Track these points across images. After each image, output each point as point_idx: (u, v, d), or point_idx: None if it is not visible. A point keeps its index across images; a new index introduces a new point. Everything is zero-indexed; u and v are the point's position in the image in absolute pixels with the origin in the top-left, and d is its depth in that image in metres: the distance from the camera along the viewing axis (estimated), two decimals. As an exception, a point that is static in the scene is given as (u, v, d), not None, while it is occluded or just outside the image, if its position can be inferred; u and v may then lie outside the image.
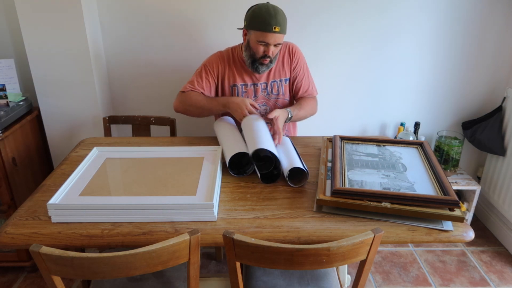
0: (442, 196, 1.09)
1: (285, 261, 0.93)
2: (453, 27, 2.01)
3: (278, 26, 1.45)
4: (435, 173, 1.22)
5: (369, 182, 1.16)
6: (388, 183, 1.16)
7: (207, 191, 1.15)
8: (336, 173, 1.18)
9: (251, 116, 1.48)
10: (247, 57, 1.56)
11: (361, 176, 1.20)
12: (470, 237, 1.04)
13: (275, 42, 1.48)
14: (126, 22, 1.96)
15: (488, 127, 2.04)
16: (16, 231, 1.03)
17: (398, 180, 1.19)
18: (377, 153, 1.36)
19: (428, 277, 1.87)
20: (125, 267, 0.90)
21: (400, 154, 1.36)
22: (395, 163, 1.29)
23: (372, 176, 1.21)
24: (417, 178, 1.20)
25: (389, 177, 1.20)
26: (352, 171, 1.24)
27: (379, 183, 1.16)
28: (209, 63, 1.62)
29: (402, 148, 1.41)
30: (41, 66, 1.83)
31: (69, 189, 1.16)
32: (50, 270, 0.91)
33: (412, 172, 1.24)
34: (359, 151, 1.38)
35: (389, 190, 1.12)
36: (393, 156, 1.34)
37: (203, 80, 1.60)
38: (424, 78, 2.13)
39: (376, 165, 1.27)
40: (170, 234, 1.02)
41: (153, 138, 1.66)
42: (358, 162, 1.29)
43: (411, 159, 1.32)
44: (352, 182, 1.17)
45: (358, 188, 1.13)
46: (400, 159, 1.32)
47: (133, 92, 2.12)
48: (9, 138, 1.72)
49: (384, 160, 1.31)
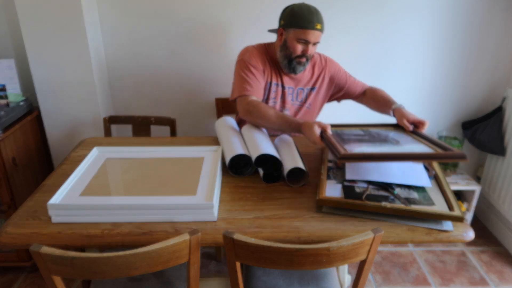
0: (447, 152, 1.10)
1: (285, 261, 0.93)
2: (453, 27, 2.01)
3: (320, 23, 1.44)
4: (428, 139, 1.22)
5: (372, 151, 1.15)
6: (390, 151, 1.16)
7: (207, 191, 1.15)
8: (335, 144, 1.15)
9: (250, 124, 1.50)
10: (283, 58, 1.53)
11: (359, 149, 1.18)
12: (470, 237, 1.04)
13: (315, 40, 1.47)
14: (126, 22, 1.96)
15: (488, 127, 2.05)
16: (16, 231, 1.03)
17: (396, 148, 1.18)
18: (364, 134, 1.36)
19: (428, 277, 1.87)
20: (125, 267, 0.90)
21: (385, 132, 1.35)
22: (386, 138, 1.28)
23: (370, 148, 1.18)
24: (413, 147, 1.19)
25: (387, 147, 1.19)
26: (348, 145, 1.21)
27: (381, 151, 1.15)
28: (253, 59, 1.54)
29: (386, 130, 1.41)
30: (42, 66, 1.83)
31: (69, 189, 1.16)
32: (50, 270, 0.91)
33: (405, 144, 1.23)
34: (347, 133, 1.37)
35: (391, 152, 1.11)
36: (381, 134, 1.33)
37: (256, 79, 1.52)
38: (424, 78, 2.13)
39: (370, 141, 1.26)
40: (170, 234, 1.02)
41: (153, 138, 1.66)
42: (351, 140, 1.27)
43: (398, 135, 1.32)
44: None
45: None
46: (388, 135, 1.32)
47: (133, 92, 2.12)
48: (9, 138, 1.72)
49: (375, 137, 1.30)
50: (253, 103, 1.47)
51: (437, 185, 1.20)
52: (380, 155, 1.10)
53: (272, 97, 1.61)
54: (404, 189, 1.16)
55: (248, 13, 1.96)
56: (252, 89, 1.51)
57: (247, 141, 1.39)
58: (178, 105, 2.15)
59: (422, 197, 1.13)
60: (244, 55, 1.57)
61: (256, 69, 1.53)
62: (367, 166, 1.27)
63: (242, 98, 1.50)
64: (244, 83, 1.51)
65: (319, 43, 1.52)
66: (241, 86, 1.52)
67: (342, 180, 1.21)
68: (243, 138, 1.44)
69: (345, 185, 1.18)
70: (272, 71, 1.59)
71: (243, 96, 1.50)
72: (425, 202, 1.11)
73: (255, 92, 1.51)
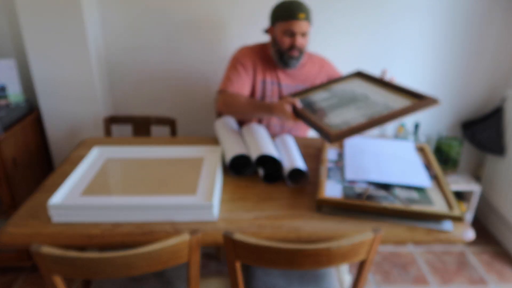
0: (422, 101, 1.14)
1: (285, 261, 0.93)
2: (453, 27, 2.01)
3: (303, 13, 1.45)
4: (393, 87, 1.25)
5: (352, 118, 1.16)
6: (368, 113, 1.16)
7: (207, 191, 1.16)
8: (319, 125, 1.18)
9: (251, 124, 1.51)
10: (275, 54, 1.55)
11: (340, 117, 1.19)
12: (470, 237, 1.04)
13: (301, 30, 1.47)
14: (127, 22, 1.96)
15: (488, 127, 2.05)
16: (16, 231, 1.03)
17: (371, 107, 1.19)
18: (331, 95, 1.36)
19: (428, 277, 1.87)
20: (125, 267, 0.90)
21: (349, 87, 1.36)
22: (354, 95, 1.29)
23: (349, 113, 1.19)
24: (385, 98, 1.21)
25: (362, 107, 1.19)
26: (327, 118, 1.22)
27: (361, 116, 1.16)
28: (242, 57, 1.59)
29: (346, 84, 1.41)
30: (42, 67, 1.83)
31: (69, 189, 1.16)
32: (50, 270, 0.91)
33: (374, 96, 1.24)
34: (315, 100, 1.37)
35: (376, 116, 1.13)
36: (345, 91, 1.34)
37: (240, 76, 1.56)
38: (424, 78, 2.13)
39: (341, 104, 1.25)
40: (170, 234, 1.02)
41: (153, 138, 1.66)
42: (324, 109, 1.27)
43: (361, 88, 1.32)
44: (339, 126, 1.16)
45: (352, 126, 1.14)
46: (354, 91, 1.32)
47: (133, 92, 2.12)
48: (10, 139, 1.72)
49: (343, 97, 1.30)
50: (228, 95, 1.53)
51: (437, 185, 1.21)
52: (367, 124, 1.12)
53: (268, 95, 1.62)
54: (404, 189, 1.16)
55: (251, 12, 1.96)
56: (233, 86, 1.55)
57: (247, 141, 1.39)
58: (178, 105, 2.15)
59: (422, 197, 1.13)
60: (236, 54, 1.62)
61: (243, 67, 1.57)
62: (367, 166, 1.27)
63: (222, 93, 1.56)
64: (227, 79, 1.57)
65: (308, 34, 1.52)
66: (223, 82, 1.58)
67: (342, 180, 1.21)
68: (243, 138, 1.44)
69: (345, 185, 1.18)
70: (267, 70, 1.61)
71: (223, 91, 1.55)
72: (425, 202, 1.11)
73: (236, 88, 1.55)
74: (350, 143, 1.44)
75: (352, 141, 1.45)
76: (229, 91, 1.54)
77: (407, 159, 1.33)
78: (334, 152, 1.41)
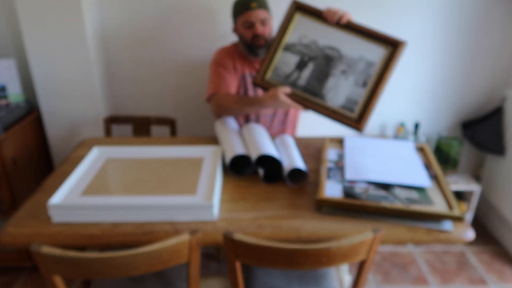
0: (396, 50, 1.29)
1: (285, 261, 0.93)
2: (453, 27, 2.01)
3: (254, 2, 1.49)
4: (351, 28, 1.34)
5: (352, 93, 1.31)
6: (359, 79, 1.31)
7: (207, 191, 1.16)
8: (338, 117, 1.34)
9: (250, 124, 1.52)
10: (244, 48, 1.60)
11: (340, 95, 1.34)
12: (470, 237, 1.04)
13: (257, 18, 1.51)
14: (127, 22, 1.96)
15: (488, 127, 2.05)
16: (16, 231, 1.03)
17: (354, 68, 1.31)
18: (298, 58, 1.40)
19: (428, 277, 1.87)
20: (125, 267, 0.90)
21: (307, 39, 1.40)
22: (323, 53, 1.37)
23: (342, 85, 1.33)
24: (356, 50, 1.34)
25: (347, 72, 1.32)
26: (326, 98, 1.35)
27: (356, 86, 1.31)
28: (220, 59, 1.63)
29: (297, 32, 1.42)
30: (42, 67, 1.83)
31: (69, 189, 1.16)
32: (50, 270, 0.91)
33: (344, 48, 1.34)
34: (288, 73, 1.41)
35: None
36: (309, 48, 1.39)
37: (224, 77, 1.60)
38: (424, 78, 2.13)
39: (322, 72, 1.36)
40: (170, 234, 1.02)
41: (153, 138, 1.66)
42: (309, 85, 1.37)
43: (319, 36, 1.38)
44: (347, 107, 1.33)
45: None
46: (318, 45, 1.38)
47: (133, 92, 2.12)
48: (10, 139, 1.72)
49: (316, 60, 1.37)
50: (219, 98, 1.56)
51: (437, 185, 1.21)
52: (375, 98, 1.29)
53: (249, 87, 1.65)
54: (404, 189, 1.16)
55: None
56: (220, 88, 1.58)
57: (247, 141, 1.39)
58: (178, 105, 2.15)
59: (422, 197, 1.13)
60: (213, 58, 1.66)
61: (224, 68, 1.61)
62: (367, 166, 1.27)
63: (213, 97, 1.58)
64: (213, 83, 1.60)
65: (268, 21, 1.55)
66: (211, 87, 1.60)
67: (342, 180, 1.21)
68: (243, 138, 1.44)
69: (345, 185, 1.18)
70: (244, 64, 1.65)
71: (213, 95, 1.58)
72: (425, 202, 1.11)
73: (223, 90, 1.58)
74: (350, 143, 1.44)
75: (352, 141, 1.45)
76: (219, 94, 1.57)
77: (407, 159, 1.33)
78: (334, 152, 1.41)
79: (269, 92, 1.39)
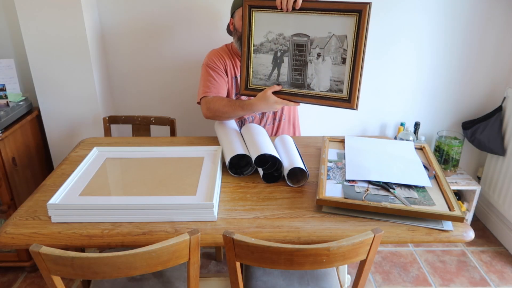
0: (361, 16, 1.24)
1: (285, 261, 0.93)
2: (453, 27, 2.01)
3: None
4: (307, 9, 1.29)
5: (336, 72, 1.30)
6: (337, 57, 1.29)
7: (207, 191, 1.15)
8: (329, 101, 1.34)
9: (250, 124, 1.52)
10: (238, 43, 1.56)
11: (324, 79, 1.32)
12: (470, 237, 1.04)
13: None
14: (127, 22, 1.96)
15: (488, 127, 2.04)
16: (16, 231, 1.03)
17: (329, 48, 1.28)
18: (273, 51, 1.36)
19: (428, 277, 1.87)
20: (125, 267, 0.90)
21: (276, 30, 1.35)
22: (294, 43, 1.33)
23: (324, 69, 1.30)
24: (321, 29, 1.29)
25: (327, 57, 1.30)
26: (313, 86, 1.34)
27: (336, 65, 1.29)
28: (211, 61, 1.61)
29: (259, 24, 1.37)
30: (41, 66, 1.83)
31: (69, 189, 1.16)
32: (50, 270, 0.91)
33: (311, 31, 1.30)
34: (269, 72, 1.39)
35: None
36: (278, 41, 1.35)
37: (214, 80, 1.58)
38: (424, 78, 2.13)
39: (300, 62, 1.34)
40: (170, 234, 1.02)
41: (153, 138, 1.66)
42: (297, 77, 1.36)
43: (297, 25, 1.32)
44: (334, 88, 1.32)
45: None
46: (285, 36, 1.34)
47: (133, 92, 2.12)
48: (9, 138, 1.72)
49: (294, 56, 1.35)
50: (209, 100, 1.54)
51: (437, 185, 1.20)
52: (358, 74, 1.28)
53: None
54: (404, 189, 1.16)
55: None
56: (210, 91, 1.57)
57: (247, 141, 1.39)
58: (177, 105, 2.15)
59: (422, 197, 1.13)
60: (205, 60, 1.64)
61: (214, 70, 1.59)
62: (367, 166, 1.27)
63: (203, 100, 1.57)
64: (204, 86, 1.58)
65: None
66: (201, 90, 1.59)
67: (342, 180, 1.21)
68: (243, 138, 1.44)
69: (345, 185, 1.18)
70: (236, 66, 1.64)
71: (203, 98, 1.57)
72: (425, 202, 1.11)
73: (214, 93, 1.57)
74: (350, 143, 1.44)
75: (352, 141, 1.45)
76: (209, 97, 1.56)
77: (407, 159, 1.32)
78: (334, 152, 1.41)
79: (258, 95, 1.38)
